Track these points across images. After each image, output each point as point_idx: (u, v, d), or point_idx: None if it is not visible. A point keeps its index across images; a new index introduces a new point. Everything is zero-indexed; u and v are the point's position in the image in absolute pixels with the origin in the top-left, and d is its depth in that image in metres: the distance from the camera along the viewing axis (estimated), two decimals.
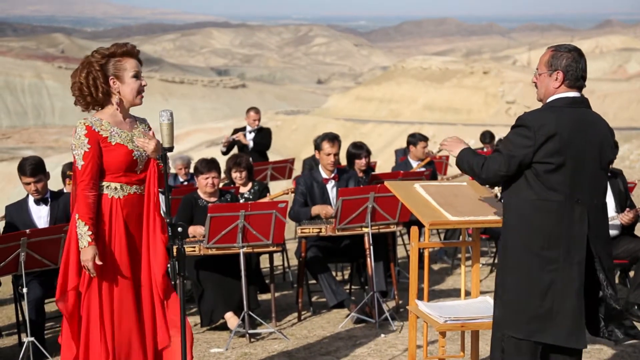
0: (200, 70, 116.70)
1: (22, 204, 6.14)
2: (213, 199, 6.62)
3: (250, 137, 10.89)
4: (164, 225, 4.08)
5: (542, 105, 3.86)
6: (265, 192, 7.68)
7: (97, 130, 4.05)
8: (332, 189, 6.93)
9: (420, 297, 4.69)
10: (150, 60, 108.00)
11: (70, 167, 6.46)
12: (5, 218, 6.25)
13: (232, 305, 6.23)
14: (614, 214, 6.33)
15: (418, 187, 4.62)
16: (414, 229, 4.54)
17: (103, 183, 4.10)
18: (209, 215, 5.91)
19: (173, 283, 4.27)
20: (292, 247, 9.07)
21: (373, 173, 8.51)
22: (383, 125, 49.64)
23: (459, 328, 4.32)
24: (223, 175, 7.50)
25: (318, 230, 6.45)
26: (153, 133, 4.24)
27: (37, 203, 6.08)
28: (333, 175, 6.95)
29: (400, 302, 6.80)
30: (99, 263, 3.99)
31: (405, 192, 4.60)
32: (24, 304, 5.60)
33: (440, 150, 4.33)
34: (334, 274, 7.36)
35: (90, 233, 3.99)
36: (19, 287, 5.82)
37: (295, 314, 6.72)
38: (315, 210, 6.75)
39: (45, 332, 6.04)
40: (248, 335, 5.97)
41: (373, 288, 6.37)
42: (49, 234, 5.62)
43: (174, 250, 4.06)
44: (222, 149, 10.95)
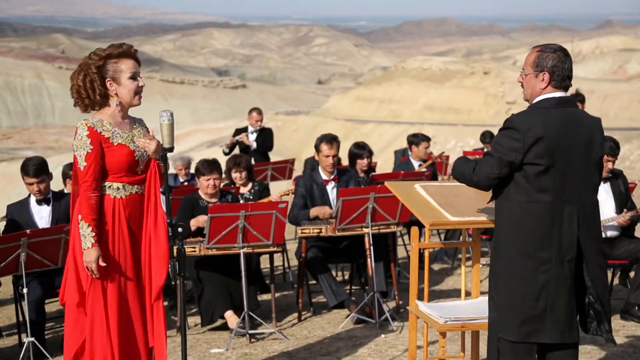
0: (201, 71, 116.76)
1: (24, 204, 6.14)
2: (214, 200, 6.62)
3: (253, 137, 10.87)
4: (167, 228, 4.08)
5: (528, 107, 3.86)
6: (266, 192, 7.67)
7: (99, 131, 4.05)
8: (332, 190, 6.92)
9: (421, 297, 4.69)
10: (151, 61, 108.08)
11: (71, 167, 6.47)
12: (7, 217, 6.25)
13: (232, 306, 6.23)
14: (614, 215, 6.31)
15: (418, 187, 4.63)
16: (414, 230, 4.54)
17: (105, 183, 4.10)
18: (209, 216, 5.91)
19: (173, 283, 4.28)
20: (292, 247, 9.06)
21: (373, 174, 8.50)
22: (383, 126, 49.62)
23: (459, 328, 4.31)
24: (223, 176, 7.50)
25: (318, 231, 6.44)
26: (153, 133, 4.24)
27: (39, 203, 6.08)
28: (333, 177, 6.95)
29: (401, 302, 6.80)
30: (103, 264, 3.99)
31: (406, 192, 4.60)
32: (24, 304, 5.60)
33: (443, 153, 4.35)
34: (334, 275, 7.36)
35: (94, 234, 3.99)
36: (19, 287, 5.82)
37: (296, 315, 6.72)
38: (314, 212, 6.74)
39: (46, 332, 6.04)
40: (248, 336, 5.97)
41: (373, 288, 6.37)
42: (49, 235, 5.62)
43: (175, 251, 4.06)
44: (224, 150, 10.93)
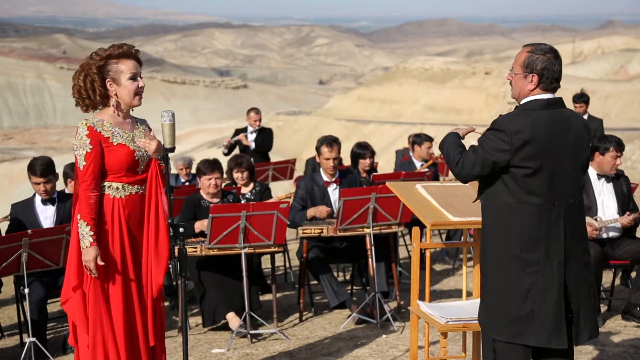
0: (202, 71, 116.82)
1: (29, 203, 6.14)
2: (215, 200, 6.62)
3: (252, 137, 10.88)
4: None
5: (516, 108, 3.84)
6: (267, 192, 7.67)
7: (99, 131, 4.06)
8: (333, 192, 6.91)
9: (422, 297, 4.69)
10: (152, 61, 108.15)
11: (72, 167, 6.48)
12: (11, 216, 6.25)
13: (233, 306, 6.23)
14: (617, 216, 6.30)
15: (419, 187, 4.63)
16: (416, 230, 4.54)
17: (105, 183, 4.10)
18: (211, 216, 5.91)
19: (175, 283, 4.28)
20: (293, 247, 9.06)
21: (374, 174, 8.50)
22: (384, 126, 49.63)
23: (461, 329, 4.31)
24: (225, 176, 7.50)
25: (320, 231, 6.44)
26: (154, 133, 4.24)
27: (44, 203, 6.09)
28: (334, 179, 6.94)
29: (402, 302, 6.80)
30: (101, 264, 3.99)
31: (407, 192, 4.60)
32: (26, 305, 5.60)
33: None
34: (336, 275, 7.36)
35: (92, 233, 4.00)
36: (21, 287, 5.82)
37: (297, 315, 6.72)
38: (311, 213, 6.73)
39: (47, 332, 6.04)
40: (249, 336, 5.97)
41: (374, 289, 6.37)
42: (51, 235, 5.62)
43: (176, 251, 4.06)
44: (223, 151, 10.94)
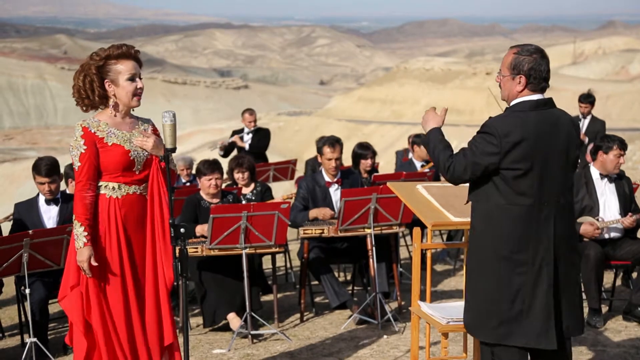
0: (203, 71, 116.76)
1: (32, 203, 6.14)
2: (215, 200, 6.62)
3: (248, 138, 10.91)
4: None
5: (505, 109, 3.84)
6: (268, 193, 7.67)
7: (93, 132, 4.07)
8: (335, 193, 6.91)
9: (423, 298, 4.68)
10: (153, 61, 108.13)
11: (72, 167, 6.48)
12: (14, 216, 6.25)
13: (234, 306, 6.23)
14: (619, 217, 6.30)
15: (420, 188, 4.63)
16: (417, 230, 4.54)
17: (101, 183, 4.12)
18: (212, 216, 5.91)
19: (176, 284, 4.28)
20: (294, 248, 9.06)
21: (375, 174, 8.50)
22: (385, 127, 49.59)
23: (462, 329, 4.31)
24: (225, 176, 7.50)
25: (320, 231, 6.44)
26: (153, 132, 4.23)
27: (47, 203, 6.09)
28: (336, 180, 6.94)
29: (403, 303, 6.79)
30: (95, 264, 4.01)
31: (408, 193, 4.60)
32: (27, 305, 5.60)
33: None
34: (337, 275, 7.36)
35: (86, 234, 4.01)
36: (22, 287, 5.82)
37: (298, 315, 6.72)
38: (313, 214, 6.73)
39: (48, 332, 6.04)
40: (250, 336, 5.97)
41: (375, 289, 6.36)
42: (52, 235, 5.62)
43: (177, 251, 4.06)
44: (219, 152, 10.96)
